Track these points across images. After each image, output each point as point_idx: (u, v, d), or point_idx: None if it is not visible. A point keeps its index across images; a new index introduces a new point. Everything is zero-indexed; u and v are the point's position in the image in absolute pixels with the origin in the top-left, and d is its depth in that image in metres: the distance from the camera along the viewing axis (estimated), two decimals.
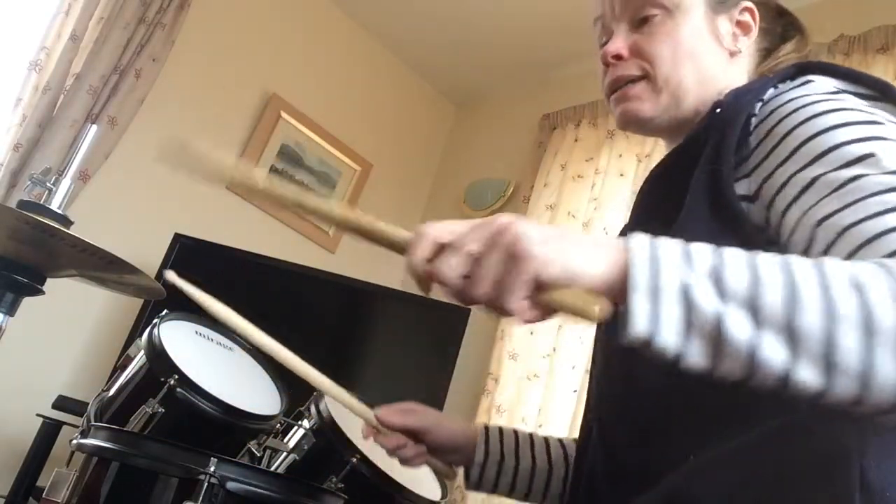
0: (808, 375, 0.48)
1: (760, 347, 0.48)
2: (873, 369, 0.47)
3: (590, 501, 0.78)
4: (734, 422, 0.63)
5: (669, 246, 0.52)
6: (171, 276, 0.89)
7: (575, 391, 2.17)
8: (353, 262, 2.88)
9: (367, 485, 1.14)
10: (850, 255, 0.55)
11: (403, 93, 3.25)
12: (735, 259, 0.51)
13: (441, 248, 0.54)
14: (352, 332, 2.35)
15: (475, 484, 0.97)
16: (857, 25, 1.96)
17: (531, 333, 2.38)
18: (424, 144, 3.31)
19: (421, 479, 1.30)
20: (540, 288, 0.51)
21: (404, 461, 0.94)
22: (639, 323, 0.49)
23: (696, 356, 0.50)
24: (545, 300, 0.51)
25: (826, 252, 0.58)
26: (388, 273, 3.01)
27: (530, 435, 1.01)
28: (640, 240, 0.52)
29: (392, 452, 0.93)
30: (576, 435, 0.98)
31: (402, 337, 2.36)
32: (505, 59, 3.01)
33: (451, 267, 0.52)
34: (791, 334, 0.48)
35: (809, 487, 0.58)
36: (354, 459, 1.14)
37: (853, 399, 0.48)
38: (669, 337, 0.49)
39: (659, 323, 0.49)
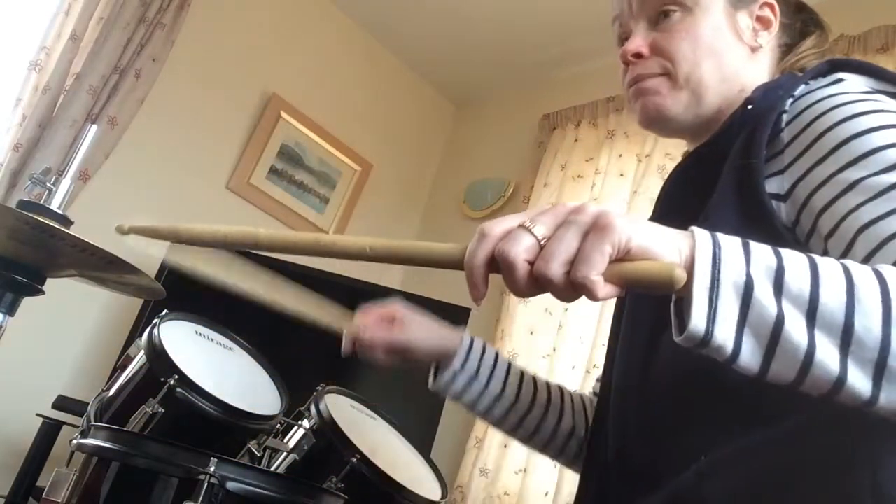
0: (861, 383, 0.48)
1: (817, 352, 0.48)
2: None
3: (599, 492, 0.77)
4: (746, 422, 0.62)
5: (731, 242, 0.51)
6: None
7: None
8: (353, 262, 2.87)
9: (367, 485, 1.14)
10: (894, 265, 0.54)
11: (403, 93, 3.25)
12: (796, 260, 0.50)
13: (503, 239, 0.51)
14: None
15: (441, 389, 0.96)
16: (857, 25, 1.96)
17: (531, 333, 2.38)
18: (424, 144, 3.31)
19: (421, 479, 1.30)
20: (616, 261, 0.49)
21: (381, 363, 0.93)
22: (697, 316, 0.48)
23: (749, 356, 0.49)
24: (621, 274, 0.49)
25: (867, 259, 0.57)
26: (388, 273, 3.01)
27: (509, 364, 0.99)
28: (702, 233, 0.51)
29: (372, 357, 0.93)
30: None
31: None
32: (505, 59, 3.01)
33: (524, 247, 0.49)
34: (849, 340, 0.48)
35: (820, 490, 0.58)
36: (354, 459, 1.14)
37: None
38: (726, 333, 0.48)
39: (717, 318, 0.48)
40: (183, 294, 1.98)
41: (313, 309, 0.90)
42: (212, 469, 0.94)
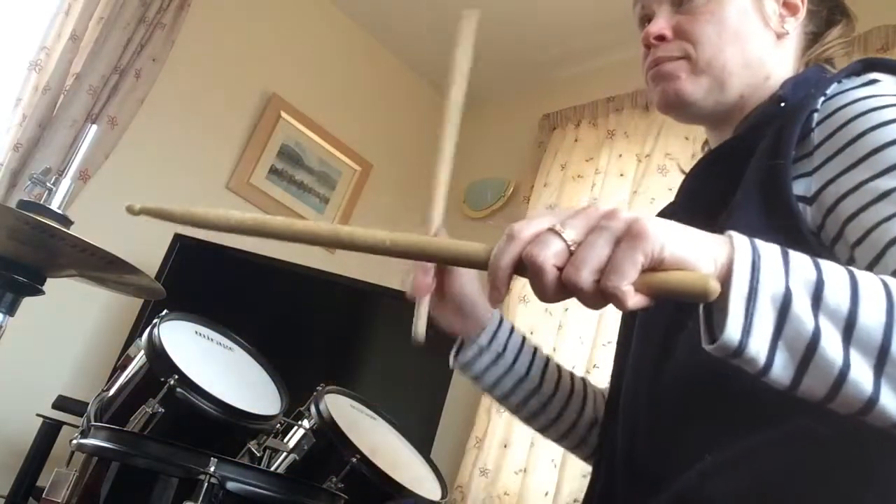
0: (893, 405, 0.47)
1: (851, 370, 0.47)
2: None
3: (606, 492, 0.77)
4: (751, 423, 0.61)
5: (771, 251, 0.49)
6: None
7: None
8: (353, 262, 2.87)
9: (367, 485, 1.14)
10: None
11: (403, 92, 3.25)
12: (836, 274, 0.49)
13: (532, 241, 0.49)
14: (352, 332, 2.35)
15: (463, 365, 0.92)
16: (858, 25, 1.95)
17: (531, 333, 2.38)
18: (424, 144, 3.30)
19: (421, 479, 1.30)
20: (647, 270, 0.48)
21: (408, 287, 0.88)
22: (732, 327, 0.47)
23: (781, 370, 0.48)
24: (653, 284, 0.47)
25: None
26: (388, 273, 3.01)
27: (535, 347, 0.95)
28: (742, 240, 0.50)
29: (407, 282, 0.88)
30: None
31: (402, 337, 2.35)
32: (505, 59, 3.01)
33: (553, 252, 0.48)
34: (884, 360, 0.47)
35: (824, 491, 0.57)
36: (354, 459, 1.14)
37: None
38: (760, 345, 0.47)
39: (752, 330, 0.47)
40: (183, 294, 1.98)
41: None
42: (212, 469, 0.94)
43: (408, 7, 2.90)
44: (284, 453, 1.20)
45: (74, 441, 1.07)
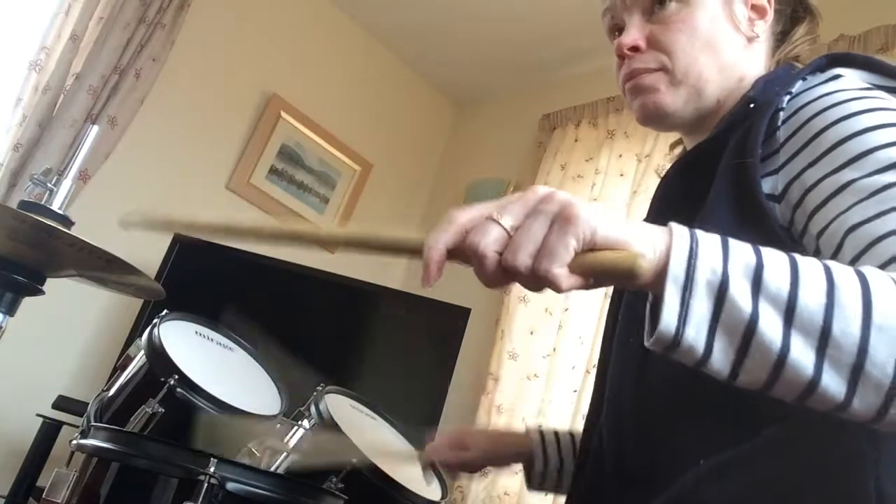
0: (836, 386, 0.47)
1: (791, 352, 0.47)
2: None
3: (593, 491, 0.77)
4: (744, 427, 0.61)
5: (709, 239, 0.50)
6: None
7: (575, 391, 2.17)
8: (353, 262, 2.87)
9: (367, 485, 1.14)
10: (881, 267, 0.54)
11: (403, 93, 3.25)
12: (776, 259, 0.50)
13: (472, 229, 0.51)
14: (352, 332, 2.35)
15: (537, 486, 1.00)
16: (857, 25, 1.96)
17: (531, 333, 2.38)
18: (424, 144, 3.31)
19: (421, 479, 1.30)
20: (582, 251, 0.49)
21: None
22: (668, 315, 0.48)
23: (721, 356, 0.49)
24: (585, 264, 0.49)
25: (855, 260, 0.57)
26: (388, 273, 3.01)
27: (569, 433, 1.02)
28: (681, 229, 0.51)
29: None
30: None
31: (402, 337, 2.36)
32: (505, 59, 3.01)
33: (493, 238, 0.50)
34: (826, 342, 0.47)
35: (821, 494, 0.57)
36: (354, 459, 1.14)
37: (875, 413, 0.48)
38: (696, 332, 0.48)
39: (688, 317, 0.48)
40: (183, 294, 1.98)
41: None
42: (212, 469, 0.94)
43: (408, 7, 2.90)
44: (284, 453, 1.20)
45: (74, 441, 1.07)
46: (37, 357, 2.21)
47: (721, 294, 0.48)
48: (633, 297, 0.77)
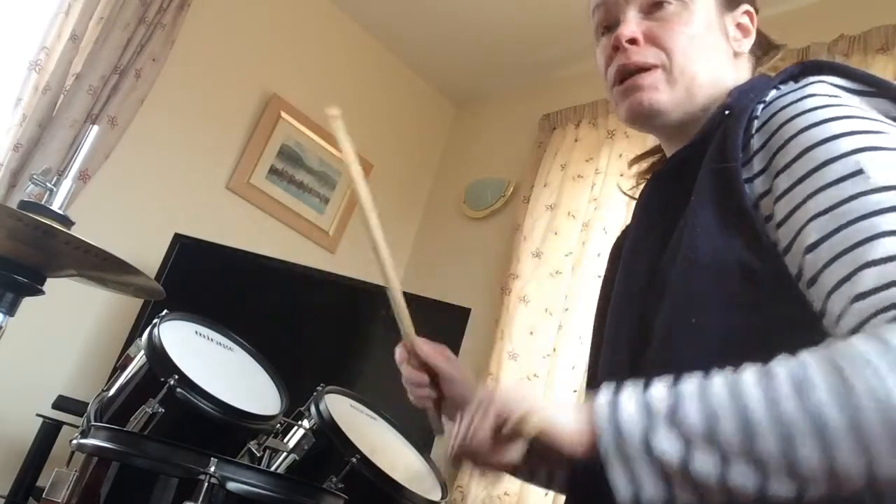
0: (781, 488, 0.51)
1: (729, 478, 0.52)
2: (836, 465, 0.49)
3: (588, 497, 0.77)
4: None
5: (629, 402, 0.56)
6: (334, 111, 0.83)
7: (575, 391, 2.17)
8: (353, 262, 2.88)
9: (367, 485, 1.14)
10: (829, 294, 0.57)
11: (403, 92, 3.25)
12: (689, 397, 0.55)
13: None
14: (352, 332, 2.35)
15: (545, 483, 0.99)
16: (857, 25, 1.96)
17: (531, 334, 2.38)
18: (424, 144, 3.31)
19: (421, 479, 1.30)
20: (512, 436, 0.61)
21: (413, 397, 0.96)
22: (622, 492, 0.54)
23: (683, 499, 0.53)
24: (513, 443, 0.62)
25: (812, 283, 0.59)
26: None
27: None
28: (602, 406, 0.57)
29: (408, 384, 0.95)
30: None
31: (401, 337, 2.35)
32: (505, 59, 3.01)
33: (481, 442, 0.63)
34: (754, 459, 0.51)
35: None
36: (354, 459, 1.14)
37: (828, 493, 0.51)
38: (653, 493, 0.54)
39: (639, 486, 0.54)
40: (183, 294, 1.98)
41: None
42: (212, 469, 0.94)
43: (408, 7, 2.90)
44: (284, 453, 1.20)
45: (74, 441, 1.07)
46: (37, 357, 2.21)
47: (654, 455, 0.54)
48: (617, 314, 0.79)
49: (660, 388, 0.56)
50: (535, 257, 2.48)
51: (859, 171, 0.58)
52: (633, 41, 0.79)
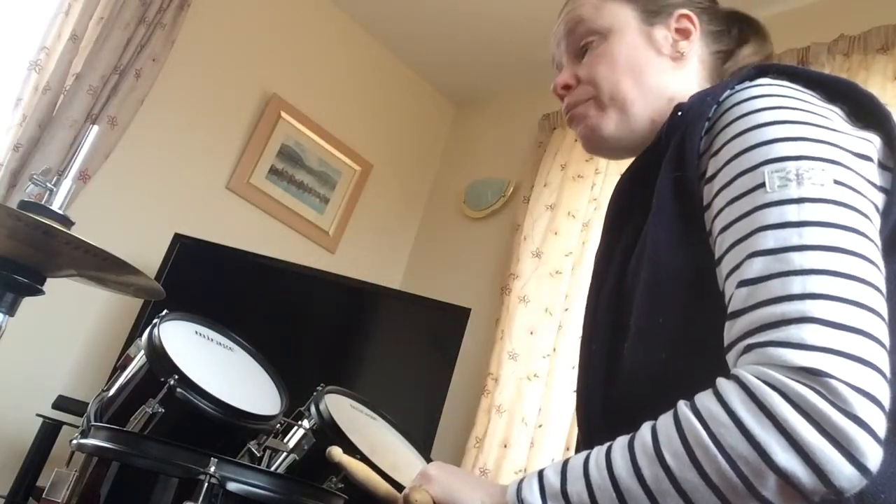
0: None
1: None
2: None
3: None
4: None
5: (532, 486, 0.62)
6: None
7: (575, 391, 2.17)
8: (353, 262, 2.88)
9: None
10: (735, 309, 0.58)
11: (403, 92, 3.25)
12: (573, 473, 0.61)
13: None
14: (352, 332, 2.35)
15: None
16: (857, 25, 1.96)
17: (531, 333, 2.38)
18: (424, 144, 3.32)
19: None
20: None
21: None
22: None
23: None
24: None
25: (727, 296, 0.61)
26: (388, 273, 3.01)
27: None
28: (512, 491, 0.63)
29: None
30: (575, 434, 0.98)
31: (402, 337, 2.36)
32: (505, 59, 3.01)
33: None
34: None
35: None
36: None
37: None
38: None
39: None
40: (183, 294, 1.98)
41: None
42: (212, 469, 0.94)
43: (408, 7, 2.90)
44: (284, 453, 1.20)
45: (74, 441, 1.07)
46: (37, 357, 2.21)
47: None
48: (598, 307, 0.82)
49: (552, 471, 0.63)
50: (535, 257, 2.48)
51: (783, 180, 0.59)
52: (566, 87, 0.90)
